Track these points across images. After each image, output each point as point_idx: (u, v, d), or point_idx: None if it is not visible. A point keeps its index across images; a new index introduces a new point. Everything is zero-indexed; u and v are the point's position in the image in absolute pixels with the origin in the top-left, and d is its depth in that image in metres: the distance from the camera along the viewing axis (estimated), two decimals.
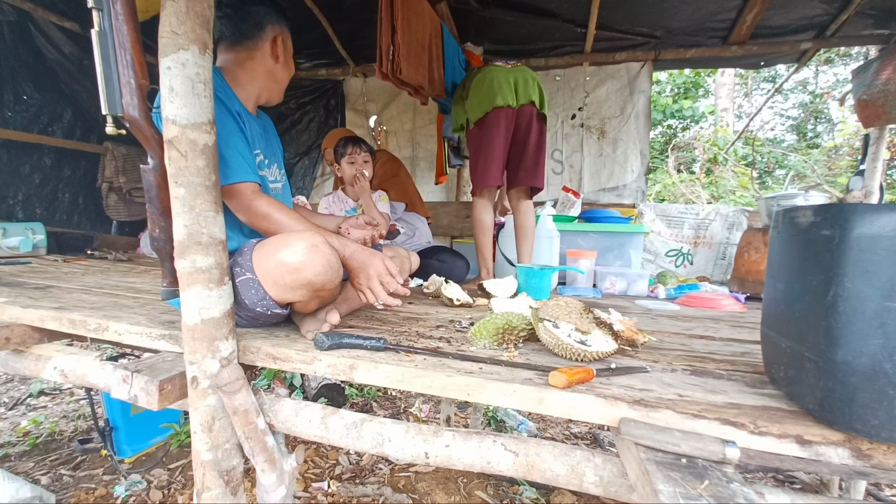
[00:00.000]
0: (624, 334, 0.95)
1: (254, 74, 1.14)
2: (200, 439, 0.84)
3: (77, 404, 2.41)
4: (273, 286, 0.92)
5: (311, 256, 0.88)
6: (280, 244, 0.90)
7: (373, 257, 1.01)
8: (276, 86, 1.20)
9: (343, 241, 1.02)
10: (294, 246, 0.88)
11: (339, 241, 1.01)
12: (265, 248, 0.92)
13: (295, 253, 0.88)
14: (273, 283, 0.91)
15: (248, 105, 1.15)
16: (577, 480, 0.71)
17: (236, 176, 0.98)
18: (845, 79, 7.39)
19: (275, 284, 0.91)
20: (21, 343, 1.15)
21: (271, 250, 0.90)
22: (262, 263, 0.91)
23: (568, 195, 2.91)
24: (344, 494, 1.72)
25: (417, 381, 0.80)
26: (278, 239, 0.92)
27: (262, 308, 0.96)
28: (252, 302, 0.95)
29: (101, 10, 0.77)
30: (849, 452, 0.60)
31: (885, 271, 0.53)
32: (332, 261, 0.91)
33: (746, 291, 1.90)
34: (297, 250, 0.88)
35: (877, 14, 2.35)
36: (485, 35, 2.93)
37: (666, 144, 7.23)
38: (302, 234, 0.91)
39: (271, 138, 1.28)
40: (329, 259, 0.90)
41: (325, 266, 0.89)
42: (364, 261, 1.01)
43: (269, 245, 0.92)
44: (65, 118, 2.90)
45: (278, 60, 1.15)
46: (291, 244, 0.89)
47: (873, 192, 2.35)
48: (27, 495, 1.44)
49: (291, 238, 0.90)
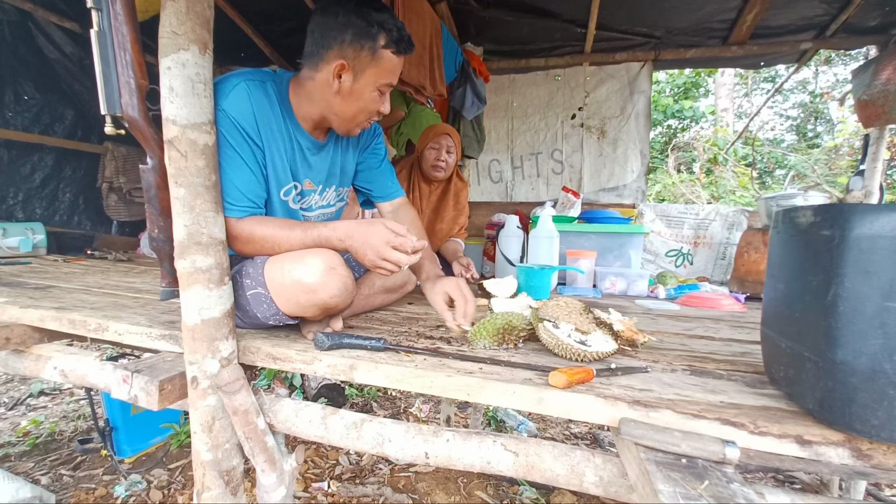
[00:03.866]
0: (624, 334, 0.95)
1: (314, 98, 0.99)
2: (200, 439, 0.84)
3: (77, 404, 2.41)
4: (286, 303, 0.90)
5: (328, 279, 0.85)
6: (296, 261, 0.86)
7: (370, 226, 0.88)
8: (337, 119, 1.01)
9: (332, 226, 0.92)
10: (311, 265, 0.85)
11: (328, 228, 0.92)
12: (278, 263, 0.89)
13: (312, 273, 0.84)
14: (286, 301, 0.89)
15: (306, 126, 1.03)
16: (577, 480, 0.71)
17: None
18: (845, 79, 7.39)
19: (288, 302, 0.89)
20: (21, 343, 1.15)
21: (287, 267, 0.87)
22: (276, 280, 0.88)
23: (568, 195, 2.91)
24: (344, 494, 1.72)
25: (417, 381, 0.80)
26: (294, 256, 0.88)
27: (275, 321, 0.95)
28: (265, 316, 0.94)
29: (100, 10, 0.77)
30: (849, 452, 0.60)
31: (885, 271, 0.53)
32: (349, 283, 0.89)
33: (746, 291, 1.90)
34: (313, 271, 0.84)
35: (877, 14, 2.35)
36: (485, 35, 2.93)
37: (666, 144, 7.23)
38: (319, 254, 0.86)
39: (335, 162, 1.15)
40: (346, 282, 0.88)
41: (341, 289, 0.87)
42: (364, 234, 0.88)
43: (284, 261, 0.88)
44: (66, 118, 2.90)
45: (332, 89, 0.95)
46: (308, 262, 0.85)
47: (873, 192, 2.35)
48: (27, 495, 1.44)
49: (308, 256, 0.86)
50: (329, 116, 1.01)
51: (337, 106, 0.98)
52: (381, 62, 0.95)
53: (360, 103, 0.98)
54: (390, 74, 0.98)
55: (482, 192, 3.41)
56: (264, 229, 0.92)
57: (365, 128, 1.06)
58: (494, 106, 3.24)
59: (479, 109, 2.88)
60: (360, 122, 1.03)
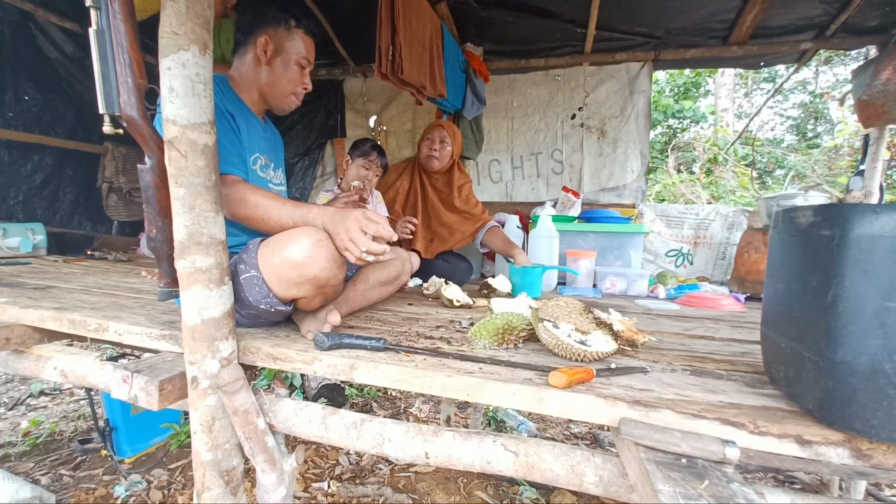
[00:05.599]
0: (624, 334, 0.95)
1: (249, 79, 1.18)
2: (200, 439, 0.84)
3: (77, 404, 2.41)
4: (278, 283, 0.93)
5: (316, 251, 0.89)
6: (286, 240, 0.92)
7: (348, 211, 0.94)
8: (270, 91, 1.19)
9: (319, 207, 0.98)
10: (299, 242, 0.90)
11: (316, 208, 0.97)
12: (270, 245, 0.94)
13: (300, 248, 0.89)
14: (278, 280, 0.92)
15: (253, 109, 1.21)
16: (577, 480, 0.71)
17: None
18: (845, 79, 7.38)
19: (279, 281, 0.92)
20: (21, 343, 1.15)
21: (277, 247, 0.92)
22: (268, 260, 0.92)
23: (568, 195, 2.91)
24: (344, 494, 1.72)
25: (417, 381, 0.80)
26: (284, 235, 0.94)
27: (266, 305, 0.96)
28: (256, 299, 0.95)
29: (99, 9, 0.77)
30: (849, 452, 0.60)
31: (885, 271, 0.53)
32: (336, 256, 0.92)
33: (746, 291, 1.90)
34: (301, 246, 0.89)
35: (876, 14, 2.35)
36: (485, 35, 2.93)
37: (666, 144, 7.22)
38: (306, 231, 0.92)
39: (277, 145, 1.35)
40: (333, 254, 0.91)
41: (329, 260, 0.90)
42: (342, 216, 0.93)
43: (275, 241, 0.94)
44: (66, 118, 2.90)
45: (260, 63, 1.16)
46: (296, 240, 0.90)
47: (873, 192, 2.35)
48: (27, 495, 1.44)
49: (296, 234, 0.92)
50: (264, 90, 1.19)
51: (267, 76, 1.17)
52: (295, 38, 1.17)
53: (287, 74, 1.18)
54: (305, 50, 1.19)
55: (482, 192, 3.40)
56: (257, 196, 1.00)
57: (295, 103, 1.25)
58: (494, 106, 3.24)
59: (479, 110, 2.88)
60: (290, 93, 1.21)
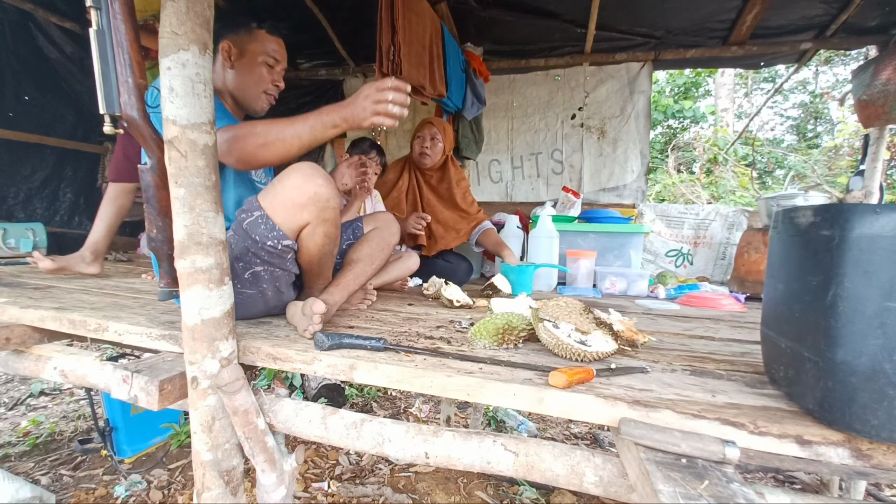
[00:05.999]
0: (624, 334, 0.95)
1: (220, 86, 1.21)
2: (200, 439, 0.84)
3: (77, 404, 2.41)
4: (282, 210, 1.00)
5: (312, 171, 1.00)
6: (285, 174, 1.02)
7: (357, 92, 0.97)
8: (240, 93, 1.22)
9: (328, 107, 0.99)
10: (296, 168, 1.01)
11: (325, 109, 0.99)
12: (272, 185, 1.03)
13: (298, 172, 0.99)
14: (282, 207, 1.00)
15: (234, 114, 1.24)
16: (577, 480, 0.71)
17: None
18: (845, 79, 7.38)
19: (283, 208, 1.00)
20: (21, 343, 1.15)
21: (277, 182, 1.01)
22: (270, 198, 1.01)
23: (568, 195, 2.91)
24: (344, 494, 1.72)
25: (417, 381, 0.80)
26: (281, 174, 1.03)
27: (273, 241, 1.01)
28: (262, 238, 1.00)
29: (99, 10, 0.77)
30: (849, 452, 0.60)
31: (885, 271, 0.53)
32: (328, 177, 1.03)
33: (746, 291, 1.90)
34: (298, 174, 0.99)
35: (876, 14, 2.35)
36: (485, 35, 2.93)
37: (666, 144, 7.22)
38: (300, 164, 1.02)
39: None
40: (327, 176, 1.02)
41: (324, 178, 1.01)
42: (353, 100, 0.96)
43: (276, 180, 1.03)
44: (66, 118, 2.89)
45: (227, 66, 1.19)
46: (294, 168, 1.01)
47: (873, 192, 2.35)
48: (27, 495, 1.44)
49: (291, 170, 1.02)
50: (234, 93, 1.22)
51: (233, 79, 1.20)
52: (258, 39, 1.19)
53: (253, 75, 1.20)
54: (270, 48, 1.21)
55: (482, 192, 3.40)
56: (264, 124, 1.01)
57: (269, 102, 1.27)
58: (494, 106, 3.24)
59: (479, 110, 2.87)
60: (259, 92, 1.23)
